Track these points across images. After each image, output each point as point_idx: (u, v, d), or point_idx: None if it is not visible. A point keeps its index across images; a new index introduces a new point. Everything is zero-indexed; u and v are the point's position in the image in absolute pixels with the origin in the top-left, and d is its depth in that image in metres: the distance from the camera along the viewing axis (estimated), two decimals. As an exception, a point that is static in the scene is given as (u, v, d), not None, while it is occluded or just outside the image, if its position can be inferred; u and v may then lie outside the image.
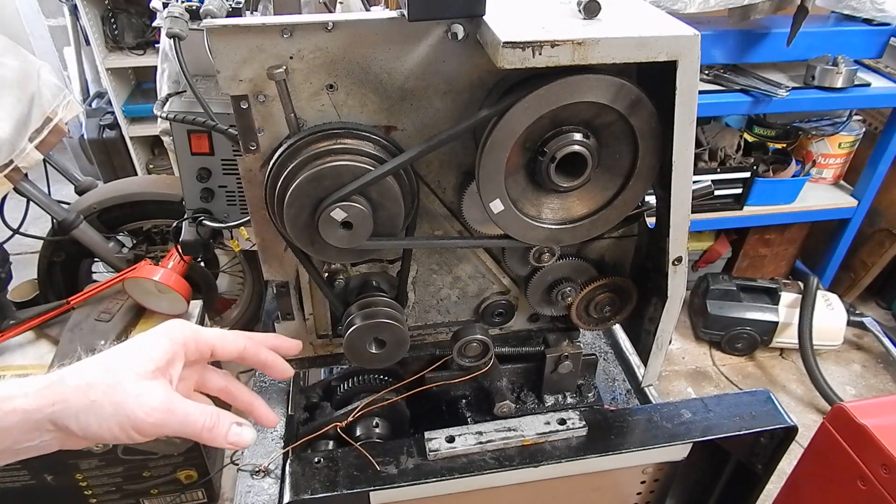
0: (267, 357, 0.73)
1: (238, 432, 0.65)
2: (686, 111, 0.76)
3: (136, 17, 3.05)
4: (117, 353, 0.63)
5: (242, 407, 0.74)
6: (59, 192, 2.23)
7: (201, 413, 0.63)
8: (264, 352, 0.73)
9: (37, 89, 1.90)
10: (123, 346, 0.64)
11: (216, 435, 0.63)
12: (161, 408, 0.60)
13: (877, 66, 2.52)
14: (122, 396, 0.59)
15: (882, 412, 1.22)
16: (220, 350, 0.69)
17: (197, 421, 0.62)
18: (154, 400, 0.60)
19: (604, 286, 1.03)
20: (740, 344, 2.76)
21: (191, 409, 0.62)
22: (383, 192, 0.80)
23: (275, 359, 0.74)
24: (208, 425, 0.63)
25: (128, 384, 0.60)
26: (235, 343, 0.70)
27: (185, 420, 0.61)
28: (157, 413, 0.60)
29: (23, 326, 1.92)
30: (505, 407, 1.05)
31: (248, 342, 0.71)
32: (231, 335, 0.70)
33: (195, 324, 0.70)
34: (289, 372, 0.75)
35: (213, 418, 0.63)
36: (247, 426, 0.66)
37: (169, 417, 0.60)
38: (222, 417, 0.64)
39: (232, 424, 0.64)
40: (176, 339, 0.65)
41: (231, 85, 0.76)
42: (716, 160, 2.61)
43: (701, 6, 2.06)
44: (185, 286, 1.97)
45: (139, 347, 0.63)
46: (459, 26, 0.74)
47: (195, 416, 0.62)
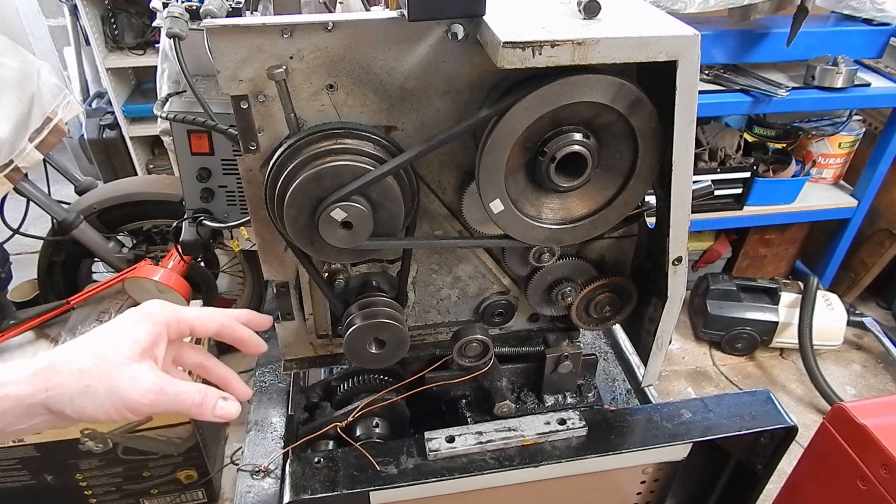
0: (243, 334, 0.76)
1: (224, 406, 0.69)
2: (686, 111, 0.76)
3: (136, 17, 3.05)
4: (104, 338, 0.65)
5: (217, 381, 0.77)
6: (59, 192, 2.23)
7: (190, 391, 0.66)
8: (240, 329, 0.76)
9: (37, 89, 1.90)
10: (108, 330, 0.66)
11: (204, 410, 0.67)
12: (154, 389, 0.64)
13: (877, 66, 2.52)
14: (116, 381, 0.62)
15: (882, 412, 1.22)
16: (199, 328, 0.72)
17: (187, 399, 0.66)
18: (147, 382, 0.63)
19: (604, 286, 1.03)
20: (740, 344, 2.76)
21: (181, 388, 0.66)
22: (383, 192, 0.80)
23: (250, 335, 0.77)
24: (197, 401, 0.66)
25: (120, 368, 0.63)
26: (213, 321, 0.73)
27: (177, 399, 0.65)
28: (151, 394, 0.63)
29: (23, 326, 1.93)
30: (505, 407, 1.05)
31: (225, 319, 0.74)
32: (209, 313, 0.73)
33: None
34: (262, 347, 0.79)
35: (201, 395, 0.67)
36: (231, 400, 0.70)
37: (161, 398, 0.64)
38: (209, 393, 0.68)
39: (218, 399, 0.69)
40: (158, 321, 0.68)
41: (231, 85, 0.76)
42: (716, 160, 2.61)
43: (701, 6, 2.06)
44: (185, 286, 1.97)
45: (124, 331, 0.66)
46: (459, 26, 0.74)
47: (185, 394, 0.66)
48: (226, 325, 0.74)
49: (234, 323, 0.75)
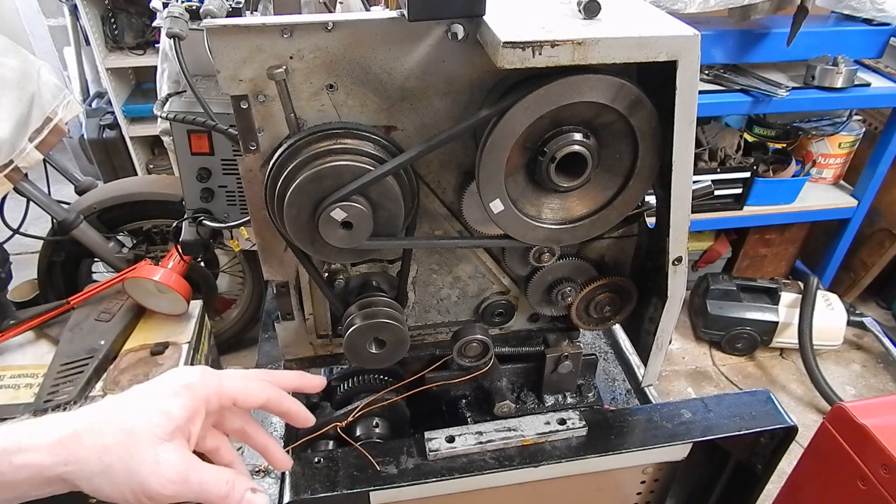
0: (290, 406, 0.71)
1: (251, 499, 0.63)
2: (686, 111, 0.76)
3: (136, 17, 3.06)
4: (136, 409, 0.60)
5: (257, 448, 0.73)
6: (59, 192, 2.23)
7: (216, 481, 0.61)
8: (287, 401, 0.71)
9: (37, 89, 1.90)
10: (141, 398, 0.61)
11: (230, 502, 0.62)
12: (177, 479, 0.58)
13: (877, 66, 2.52)
14: (137, 464, 0.57)
15: (882, 412, 1.22)
16: (241, 402, 0.67)
17: (212, 490, 0.60)
18: (171, 471, 0.58)
19: (604, 286, 1.03)
20: (740, 344, 2.76)
21: (206, 478, 0.60)
22: (383, 192, 0.80)
23: (297, 409, 0.72)
24: (223, 493, 0.61)
25: (145, 450, 0.58)
26: (258, 395, 0.68)
27: (201, 490, 0.60)
28: (173, 485, 0.58)
29: (23, 326, 1.92)
30: (505, 407, 1.05)
31: (272, 392, 0.69)
32: (254, 386, 0.68)
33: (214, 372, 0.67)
34: (311, 421, 0.74)
35: (229, 486, 0.61)
36: (260, 494, 0.64)
37: (184, 489, 0.59)
38: (237, 485, 0.62)
39: (246, 491, 0.63)
40: (198, 395, 0.63)
41: (231, 85, 0.76)
42: (716, 160, 2.61)
43: (701, 6, 2.06)
44: (185, 286, 1.97)
45: (159, 404, 0.61)
46: (459, 26, 0.74)
47: (210, 484, 0.60)
48: (272, 398, 0.69)
49: (280, 396, 0.70)
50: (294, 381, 0.74)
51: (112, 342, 1.88)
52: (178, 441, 0.60)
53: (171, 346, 1.92)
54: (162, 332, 1.98)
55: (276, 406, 0.70)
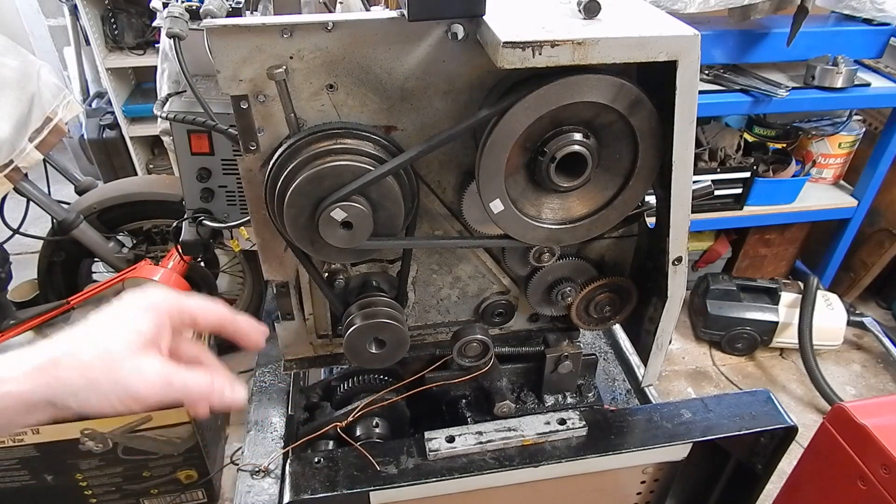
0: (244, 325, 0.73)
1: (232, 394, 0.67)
2: (686, 111, 0.76)
3: (136, 17, 3.05)
4: (107, 329, 0.64)
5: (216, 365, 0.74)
6: (59, 192, 2.23)
7: (196, 382, 0.65)
8: (240, 320, 0.73)
9: (37, 89, 1.90)
10: (110, 321, 0.64)
11: (213, 399, 0.66)
12: (161, 382, 0.62)
13: (877, 66, 2.52)
14: (120, 374, 0.61)
15: (882, 412, 1.22)
16: (201, 319, 0.70)
17: (194, 389, 0.64)
18: (153, 374, 0.62)
19: (604, 286, 1.03)
20: (740, 344, 2.76)
21: (188, 380, 0.64)
22: (383, 192, 0.80)
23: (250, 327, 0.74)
24: (205, 392, 0.65)
25: (125, 361, 0.61)
26: (215, 312, 0.71)
27: (184, 390, 0.64)
28: (157, 387, 0.62)
29: (23, 326, 1.93)
30: (505, 407, 1.05)
31: (226, 311, 0.72)
32: (211, 305, 0.71)
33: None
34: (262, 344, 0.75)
35: (209, 384, 0.65)
36: (238, 385, 0.68)
37: (168, 390, 0.63)
38: (216, 382, 0.66)
39: (224, 387, 0.67)
40: (161, 311, 0.66)
41: (231, 85, 0.76)
42: (716, 160, 2.61)
43: (701, 6, 2.06)
44: (185, 286, 1.97)
45: (127, 322, 0.64)
46: (459, 26, 0.74)
47: (191, 385, 0.64)
48: (227, 317, 0.72)
49: (234, 315, 0.73)
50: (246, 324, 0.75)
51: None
52: (153, 353, 0.63)
53: (171, 346, 1.92)
54: (162, 332, 1.98)
55: (231, 325, 0.72)
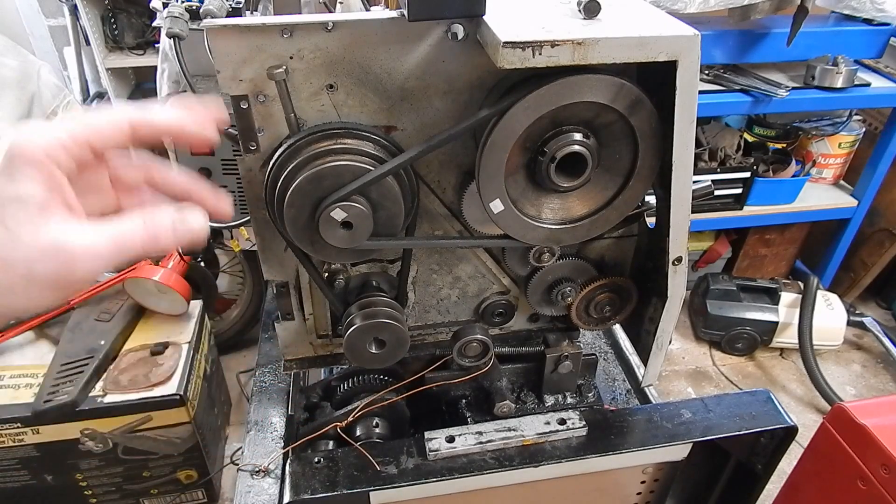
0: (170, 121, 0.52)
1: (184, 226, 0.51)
2: (686, 111, 0.76)
3: (136, 17, 3.05)
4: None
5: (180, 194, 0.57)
6: (59, 192, 2.23)
7: (131, 230, 0.49)
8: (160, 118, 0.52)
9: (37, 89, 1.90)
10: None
11: (163, 243, 0.50)
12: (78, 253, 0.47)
13: (877, 66, 2.52)
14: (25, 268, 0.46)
15: (882, 412, 1.22)
16: (99, 142, 0.50)
17: (132, 240, 0.49)
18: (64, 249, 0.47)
19: (604, 286, 1.03)
20: (740, 344, 2.76)
21: (117, 231, 0.49)
22: (383, 192, 0.80)
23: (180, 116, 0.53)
24: (148, 238, 0.49)
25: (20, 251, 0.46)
26: (115, 123, 0.51)
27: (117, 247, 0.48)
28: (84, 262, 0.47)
29: (23, 326, 1.93)
30: (505, 407, 1.05)
31: (133, 114, 0.51)
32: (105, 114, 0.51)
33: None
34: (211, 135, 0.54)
35: (149, 228, 0.50)
36: (189, 211, 0.52)
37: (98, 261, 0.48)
38: (158, 218, 0.50)
39: (174, 220, 0.51)
40: (35, 157, 0.47)
41: (231, 85, 0.76)
42: (716, 160, 2.61)
43: (701, 6, 2.06)
44: (184, 286, 1.97)
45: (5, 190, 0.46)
46: (459, 26, 0.74)
47: (125, 235, 0.49)
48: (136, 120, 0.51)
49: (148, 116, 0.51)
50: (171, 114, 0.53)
51: (112, 342, 1.88)
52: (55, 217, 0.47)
53: (171, 346, 1.92)
54: (162, 332, 1.98)
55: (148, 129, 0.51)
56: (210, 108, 0.54)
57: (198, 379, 1.95)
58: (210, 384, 2.13)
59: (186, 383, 1.84)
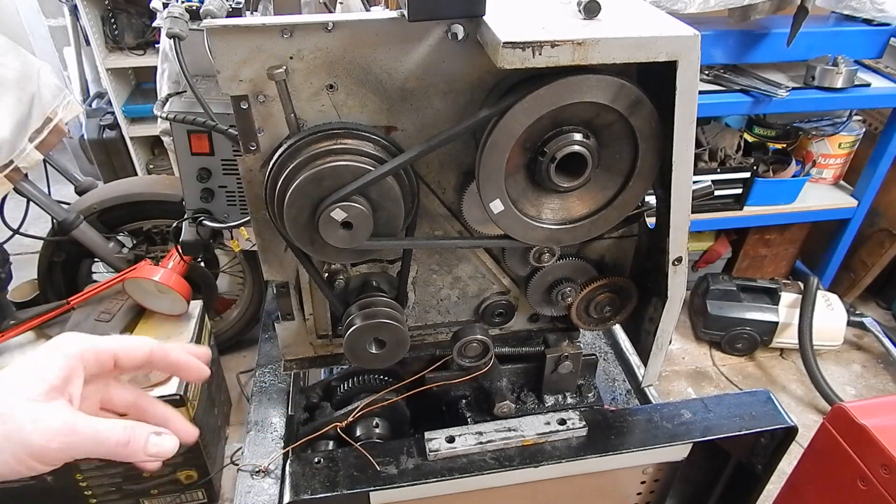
0: (178, 357, 0.67)
1: (157, 442, 0.60)
2: (686, 111, 0.76)
3: (136, 17, 3.06)
4: (3, 379, 0.57)
5: (156, 422, 0.67)
6: (59, 192, 2.23)
7: (112, 429, 0.57)
8: (174, 352, 0.67)
9: (37, 89, 1.90)
10: (11, 370, 0.58)
11: (133, 450, 0.58)
12: (63, 430, 0.55)
13: (877, 66, 2.52)
14: (14, 425, 0.53)
15: (882, 412, 1.22)
16: (123, 357, 0.63)
17: (108, 438, 0.57)
18: (54, 422, 0.54)
19: (604, 286, 1.03)
20: (740, 344, 2.76)
21: (99, 427, 0.57)
22: (383, 192, 0.80)
23: (187, 359, 0.68)
24: (122, 440, 0.57)
25: (19, 411, 0.54)
26: (140, 348, 0.64)
27: (95, 438, 0.56)
28: (60, 437, 0.54)
29: (23, 326, 1.93)
30: (505, 407, 1.05)
31: (154, 344, 0.66)
32: (134, 340, 0.65)
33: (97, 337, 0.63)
34: (205, 372, 0.70)
35: (128, 432, 0.58)
36: (166, 434, 0.61)
37: (74, 439, 0.55)
38: (137, 429, 0.59)
39: (150, 435, 0.60)
40: (70, 354, 0.59)
41: (231, 85, 0.76)
42: (716, 160, 2.61)
43: (701, 6, 2.06)
44: (185, 286, 1.97)
45: (29, 368, 0.58)
46: (459, 26, 0.74)
47: (105, 432, 0.57)
48: (156, 351, 0.65)
49: (165, 348, 0.66)
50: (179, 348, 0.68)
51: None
52: (58, 401, 0.56)
53: (171, 346, 1.92)
54: (162, 332, 1.98)
55: (162, 358, 0.65)
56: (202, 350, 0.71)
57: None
58: (210, 384, 2.13)
59: (186, 383, 1.84)
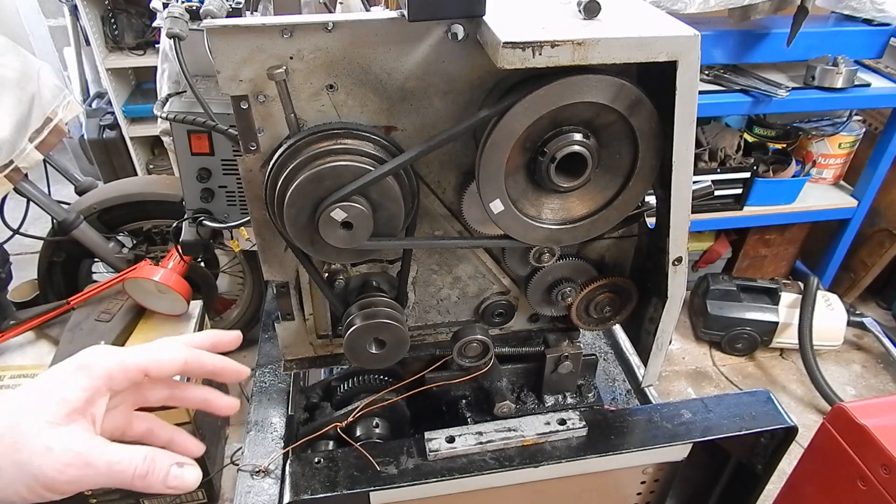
0: (215, 363, 0.64)
1: (179, 475, 0.56)
2: (686, 111, 0.76)
3: (136, 17, 3.06)
4: (22, 399, 0.54)
5: (196, 405, 0.67)
6: (59, 193, 2.23)
7: (130, 459, 0.54)
8: (209, 360, 0.64)
9: (37, 89, 1.90)
10: (32, 388, 0.55)
11: (152, 482, 0.55)
12: (77, 462, 0.52)
13: (877, 66, 2.52)
14: (26, 455, 0.50)
15: (882, 412, 1.22)
16: (155, 371, 0.60)
17: (125, 469, 0.54)
18: (66, 454, 0.51)
19: (604, 286, 1.03)
20: (740, 344, 2.76)
21: (115, 457, 0.53)
22: (383, 192, 0.80)
23: (224, 364, 0.65)
24: (140, 472, 0.54)
25: (33, 438, 0.51)
26: (173, 361, 0.61)
27: (110, 471, 0.53)
28: (73, 469, 0.52)
29: (23, 327, 1.93)
30: (505, 407, 1.05)
31: (188, 353, 0.63)
32: (167, 352, 0.61)
33: (121, 349, 0.61)
34: (244, 373, 0.68)
35: (147, 463, 0.54)
36: (189, 465, 0.57)
37: (87, 471, 0.52)
38: (157, 460, 0.55)
39: (171, 466, 0.56)
40: (95, 374, 0.56)
41: (231, 85, 0.76)
42: (716, 160, 2.61)
43: (701, 6, 2.06)
44: (185, 286, 1.97)
45: (50, 388, 0.55)
46: (459, 26, 0.74)
47: (122, 464, 0.53)
48: (190, 360, 0.62)
49: (199, 355, 0.63)
50: (208, 339, 0.67)
51: (112, 342, 1.88)
52: (78, 424, 0.53)
53: (171, 346, 1.92)
54: (162, 332, 1.98)
55: (198, 367, 0.63)
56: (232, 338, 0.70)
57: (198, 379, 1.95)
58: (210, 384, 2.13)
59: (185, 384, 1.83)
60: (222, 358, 0.66)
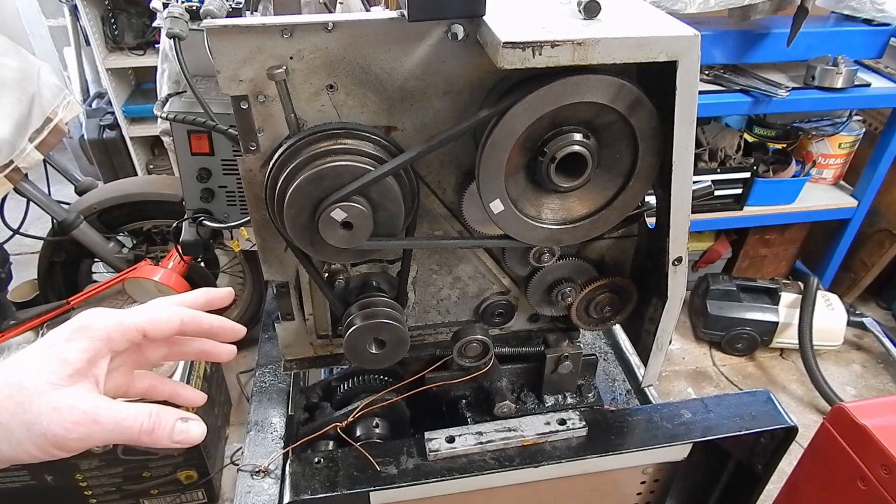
0: (211, 322, 0.65)
1: (184, 429, 0.58)
2: (686, 111, 0.76)
3: (136, 17, 3.05)
4: (25, 361, 0.55)
5: (189, 356, 0.68)
6: (59, 193, 2.23)
7: (135, 416, 0.55)
8: (205, 318, 0.65)
9: (37, 89, 1.90)
10: (33, 351, 0.56)
11: (158, 437, 0.56)
12: (84, 420, 0.53)
13: (877, 66, 2.52)
14: (33, 415, 0.52)
15: (882, 412, 1.22)
16: (153, 332, 0.61)
17: (131, 426, 0.55)
18: (73, 412, 0.53)
19: (604, 286, 1.03)
20: (740, 344, 2.76)
21: (121, 414, 0.54)
22: (383, 192, 0.80)
23: (220, 322, 0.66)
24: (147, 428, 0.55)
25: (39, 399, 0.52)
26: (170, 320, 0.62)
27: (116, 427, 0.54)
28: (80, 427, 0.53)
29: (23, 326, 1.93)
30: (505, 407, 1.05)
31: (185, 313, 0.63)
32: (164, 312, 0.62)
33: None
34: (240, 331, 0.68)
35: (153, 418, 0.56)
36: (193, 420, 0.59)
37: (95, 428, 0.53)
38: (163, 416, 0.56)
39: (176, 421, 0.57)
40: (95, 335, 0.57)
41: (231, 85, 0.76)
42: (716, 160, 2.61)
43: (701, 6, 2.06)
44: (185, 286, 1.97)
45: (51, 350, 0.55)
46: (459, 26, 0.74)
47: (128, 420, 0.55)
48: (187, 319, 0.63)
49: (196, 315, 0.64)
50: (201, 297, 0.67)
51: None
52: (81, 385, 0.54)
53: (171, 346, 1.92)
54: (162, 332, 1.98)
55: (195, 326, 0.64)
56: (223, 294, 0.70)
57: (198, 379, 1.96)
58: (210, 384, 2.13)
59: (186, 383, 1.84)
60: (218, 317, 0.66)
